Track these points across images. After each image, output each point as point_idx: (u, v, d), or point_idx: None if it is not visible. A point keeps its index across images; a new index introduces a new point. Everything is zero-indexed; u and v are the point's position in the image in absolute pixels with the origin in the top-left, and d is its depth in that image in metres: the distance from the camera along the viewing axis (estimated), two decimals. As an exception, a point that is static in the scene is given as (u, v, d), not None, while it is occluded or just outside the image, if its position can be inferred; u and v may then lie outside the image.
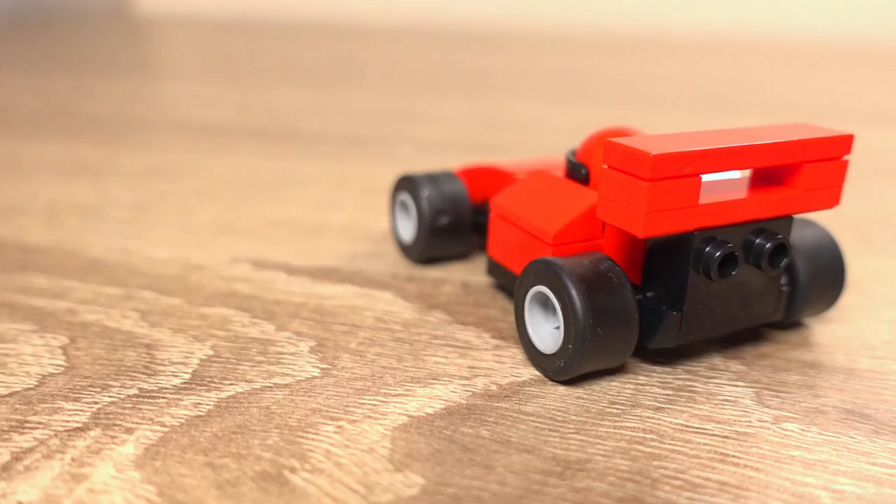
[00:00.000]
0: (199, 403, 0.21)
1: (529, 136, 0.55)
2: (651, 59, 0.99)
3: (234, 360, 0.23)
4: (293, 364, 0.23)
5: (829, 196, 0.23)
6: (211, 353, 0.24)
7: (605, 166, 0.21)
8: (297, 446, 0.19)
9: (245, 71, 0.83)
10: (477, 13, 1.28)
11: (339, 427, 0.20)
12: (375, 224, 0.35)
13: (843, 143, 0.22)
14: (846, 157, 0.23)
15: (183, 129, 0.55)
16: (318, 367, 0.23)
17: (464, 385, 0.22)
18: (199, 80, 0.77)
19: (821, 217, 0.34)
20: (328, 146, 0.51)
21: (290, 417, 0.20)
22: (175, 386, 0.22)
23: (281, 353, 0.24)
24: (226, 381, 0.22)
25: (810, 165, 0.22)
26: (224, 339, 0.24)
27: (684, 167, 0.20)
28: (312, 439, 0.19)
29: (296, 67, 0.86)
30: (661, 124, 0.57)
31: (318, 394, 0.21)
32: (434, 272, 0.30)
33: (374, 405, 0.21)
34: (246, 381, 0.22)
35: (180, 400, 0.21)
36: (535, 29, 1.24)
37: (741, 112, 0.64)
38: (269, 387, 0.22)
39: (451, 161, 0.44)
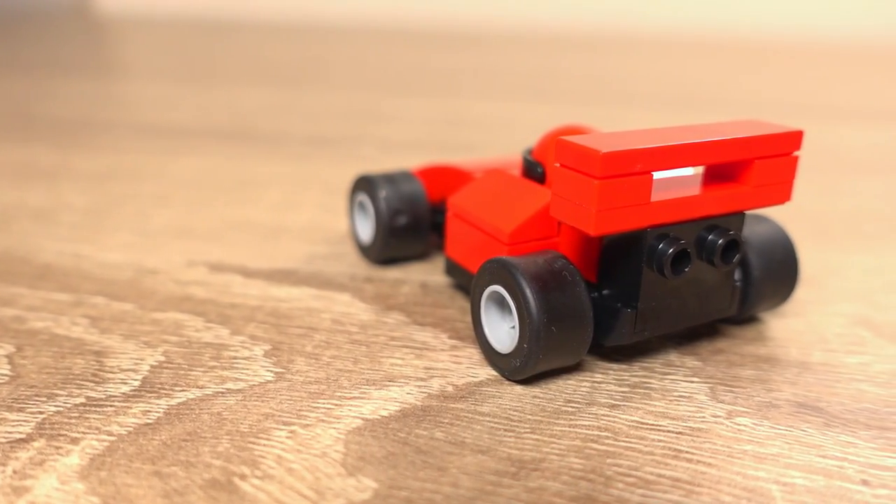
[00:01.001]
0: (149, 411, 0.20)
1: (497, 135, 0.55)
2: (620, 57, 0.99)
3: (186, 366, 0.23)
4: (247, 369, 0.23)
5: (780, 192, 0.23)
6: (162, 359, 0.23)
7: (558, 165, 0.21)
8: (248, 452, 0.19)
9: (207, 71, 0.82)
10: (445, 12, 1.28)
11: (291, 432, 0.20)
12: (336, 225, 0.35)
13: (793, 140, 0.23)
14: (796, 153, 0.23)
15: (142, 131, 0.54)
16: (272, 371, 0.23)
17: (420, 386, 0.22)
18: (160, 81, 0.76)
19: (778, 212, 0.34)
20: (291, 147, 0.50)
21: (241, 423, 0.20)
22: (124, 394, 0.21)
23: (235, 358, 0.23)
24: (177, 388, 0.22)
25: (761, 162, 0.22)
26: (176, 344, 0.24)
27: (635, 165, 0.20)
28: (264, 445, 0.19)
29: (259, 68, 0.85)
30: (630, 122, 0.58)
31: (271, 398, 0.21)
32: (393, 273, 0.30)
33: (328, 409, 0.21)
34: (198, 387, 0.22)
35: (129, 408, 0.21)
36: (504, 28, 1.25)
37: (710, 109, 0.65)
38: (222, 392, 0.21)
39: (417, 161, 0.44)
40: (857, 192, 0.43)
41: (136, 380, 0.22)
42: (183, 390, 0.21)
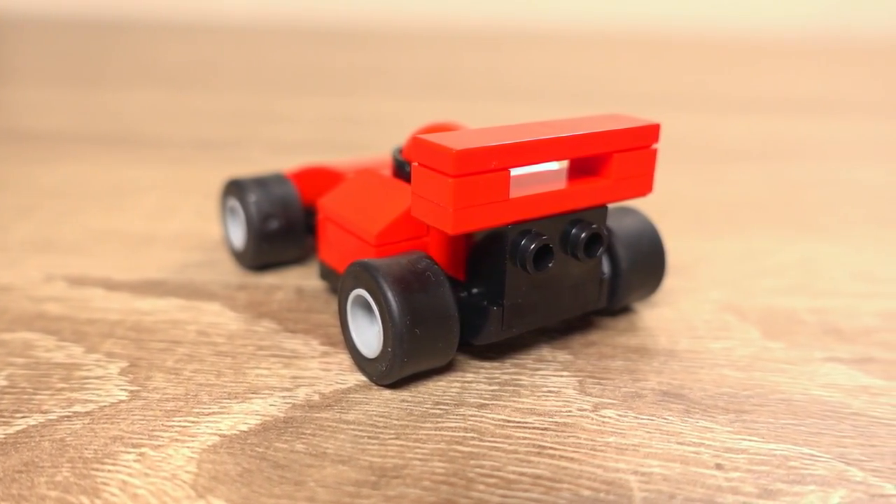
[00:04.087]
0: (-18, 442, 0.19)
1: (392, 134, 0.54)
2: (522, 54, 1.00)
3: (30, 390, 0.21)
4: (99, 389, 0.21)
5: (641, 184, 0.23)
6: (5, 383, 0.21)
7: (416, 164, 0.20)
8: (89, 480, 0.18)
9: (89, 73, 0.78)
10: (342, 10, 1.26)
11: (140, 454, 0.19)
12: (212, 231, 0.34)
13: (651, 133, 0.23)
14: (655, 146, 0.23)
15: (13, 138, 0.50)
16: (126, 389, 0.21)
17: (284, 397, 0.21)
18: (36, 84, 0.71)
19: (655, 203, 0.35)
20: (174, 150, 0.48)
21: (86, 449, 0.19)
22: (-44, 424, 0.20)
23: (87, 378, 0.22)
24: (17, 415, 0.20)
25: (619, 155, 0.22)
26: (23, 366, 0.22)
27: (490, 161, 0.20)
28: (109, 471, 0.18)
29: (145, 69, 0.81)
30: (527, 117, 0.58)
31: (122, 419, 0.20)
32: (268, 278, 0.29)
33: (184, 427, 0.20)
34: (41, 412, 0.20)
35: (-40, 440, 0.19)
36: (402, 25, 1.24)
37: (606, 103, 0.66)
38: (68, 416, 0.20)
39: (306, 161, 0.43)
40: (732, 181, 0.44)
41: (-29, 408, 0.20)
42: (24, 417, 0.20)
